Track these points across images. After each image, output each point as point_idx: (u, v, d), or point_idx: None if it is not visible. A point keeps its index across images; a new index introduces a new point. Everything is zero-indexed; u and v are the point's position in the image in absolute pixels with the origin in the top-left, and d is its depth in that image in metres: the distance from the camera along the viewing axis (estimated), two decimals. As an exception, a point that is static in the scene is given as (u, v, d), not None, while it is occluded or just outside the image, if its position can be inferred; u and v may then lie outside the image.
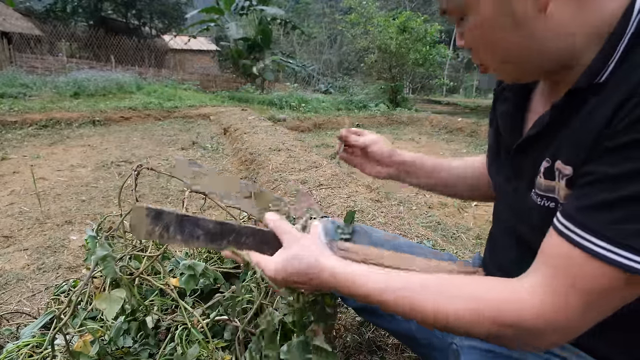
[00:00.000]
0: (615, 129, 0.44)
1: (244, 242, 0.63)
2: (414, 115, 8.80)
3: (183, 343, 0.81)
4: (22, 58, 13.02)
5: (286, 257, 0.61)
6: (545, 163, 0.56)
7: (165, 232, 0.57)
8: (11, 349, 0.90)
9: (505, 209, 0.69)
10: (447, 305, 0.52)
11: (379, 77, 11.98)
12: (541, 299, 0.47)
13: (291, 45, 26.05)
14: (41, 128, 5.61)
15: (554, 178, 0.54)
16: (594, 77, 0.50)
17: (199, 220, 0.60)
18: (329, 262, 0.59)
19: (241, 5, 14.17)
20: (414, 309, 0.54)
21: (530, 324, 0.47)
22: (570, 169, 0.51)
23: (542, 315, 0.47)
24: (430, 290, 0.54)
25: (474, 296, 0.51)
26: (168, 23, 24.59)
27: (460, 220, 2.73)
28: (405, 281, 0.56)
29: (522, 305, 0.48)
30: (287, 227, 0.65)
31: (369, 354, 1.31)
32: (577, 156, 0.50)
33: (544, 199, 0.56)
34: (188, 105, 8.05)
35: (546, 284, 0.47)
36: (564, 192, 0.52)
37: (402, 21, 10.48)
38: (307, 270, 0.59)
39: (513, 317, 0.48)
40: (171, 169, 3.73)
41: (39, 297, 1.63)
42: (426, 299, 0.53)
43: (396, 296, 0.54)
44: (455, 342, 0.74)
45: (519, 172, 0.63)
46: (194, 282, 0.86)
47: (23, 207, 2.64)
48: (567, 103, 0.53)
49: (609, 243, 0.44)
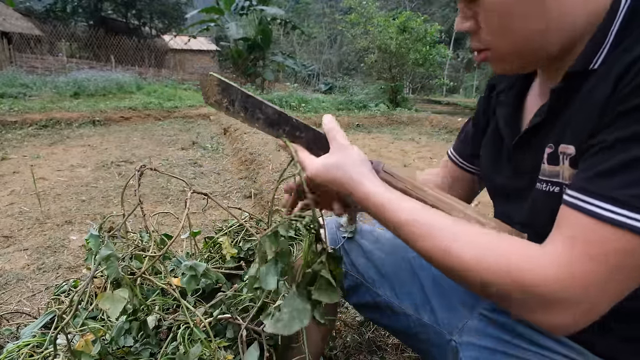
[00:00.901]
0: (622, 93, 0.45)
1: (297, 136, 0.65)
2: (414, 115, 8.80)
3: (185, 342, 0.81)
4: (22, 58, 13.03)
5: (330, 162, 0.61)
6: (548, 149, 0.56)
7: (231, 106, 0.63)
8: (11, 348, 0.90)
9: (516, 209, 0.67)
10: (469, 248, 0.50)
11: (379, 77, 11.98)
12: (559, 266, 0.45)
13: (291, 45, 26.06)
14: (41, 128, 5.61)
15: (558, 162, 0.55)
16: (589, 62, 0.51)
17: (261, 103, 0.64)
18: (367, 183, 0.60)
19: (241, 5, 14.17)
20: (435, 245, 0.53)
21: (545, 289, 0.45)
22: (572, 148, 0.52)
23: (559, 282, 0.45)
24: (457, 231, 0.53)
25: (497, 247, 0.50)
26: (168, 23, 24.61)
27: (460, 220, 2.73)
28: (436, 218, 0.55)
29: (542, 269, 0.46)
30: (339, 134, 0.64)
31: (369, 354, 1.31)
32: (581, 133, 0.50)
33: (548, 184, 0.56)
34: (188, 105, 8.05)
35: (564, 253, 0.46)
36: (569, 172, 0.53)
37: (402, 21, 10.49)
38: (346, 183, 0.60)
39: (530, 277, 0.46)
40: (170, 169, 3.73)
41: (39, 297, 1.63)
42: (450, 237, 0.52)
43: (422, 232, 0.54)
44: (454, 339, 0.75)
45: (522, 167, 0.64)
46: (195, 282, 0.86)
47: (23, 207, 2.64)
48: (565, 87, 0.54)
49: (618, 206, 0.43)
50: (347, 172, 0.60)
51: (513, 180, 0.67)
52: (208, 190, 3.17)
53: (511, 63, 0.59)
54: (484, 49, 0.59)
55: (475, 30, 0.58)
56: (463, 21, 0.59)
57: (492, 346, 0.64)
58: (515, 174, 0.66)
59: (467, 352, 0.65)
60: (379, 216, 0.59)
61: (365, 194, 0.59)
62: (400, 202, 0.57)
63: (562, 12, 0.51)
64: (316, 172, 0.62)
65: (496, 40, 0.56)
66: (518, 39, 0.55)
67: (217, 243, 1.16)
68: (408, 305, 0.88)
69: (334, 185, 0.62)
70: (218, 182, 3.41)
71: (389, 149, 5.54)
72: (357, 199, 0.60)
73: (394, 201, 0.58)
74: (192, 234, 1.11)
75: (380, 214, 0.58)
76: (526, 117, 0.67)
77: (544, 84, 0.64)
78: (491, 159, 0.74)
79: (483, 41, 0.58)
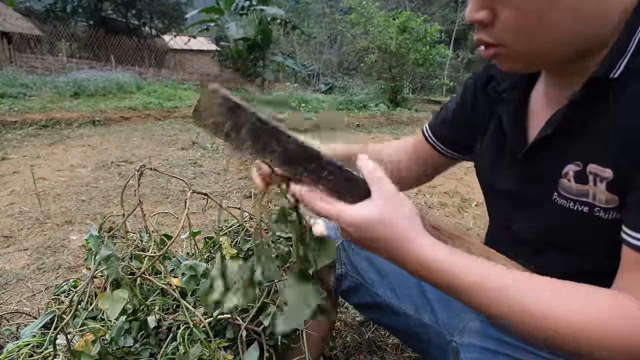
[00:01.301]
0: None
1: (323, 177, 0.49)
2: (414, 115, 8.80)
3: (185, 342, 0.81)
4: (22, 58, 13.02)
5: (375, 218, 0.48)
6: (574, 167, 0.53)
7: (234, 132, 0.46)
8: (11, 348, 0.90)
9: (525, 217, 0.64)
10: (562, 312, 0.45)
11: (379, 77, 11.98)
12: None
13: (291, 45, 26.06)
14: (41, 128, 5.61)
15: (587, 182, 0.52)
16: (611, 70, 0.48)
17: (280, 134, 0.47)
18: (418, 248, 0.48)
19: (241, 5, 14.16)
20: (520, 311, 0.46)
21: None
22: (609, 172, 0.49)
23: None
24: (540, 293, 0.46)
25: (588, 307, 0.45)
26: (168, 23, 24.60)
27: (460, 220, 2.73)
28: (510, 280, 0.47)
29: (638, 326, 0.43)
30: (384, 178, 0.50)
31: (369, 354, 1.31)
32: (619, 157, 0.48)
33: (576, 204, 0.54)
34: (188, 105, 8.04)
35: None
36: (606, 197, 0.50)
37: (402, 21, 10.49)
38: (389, 244, 0.49)
39: (634, 339, 0.43)
40: (170, 169, 3.73)
41: (39, 297, 1.63)
42: (537, 302, 0.45)
43: (497, 295, 0.46)
44: (455, 340, 0.74)
45: (532, 177, 0.61)
46: (195, 282, 0.86)
47: (23, 207, 2.64)
48: (586, 98, 0.51)
49: None
50: (397, 232, 0.48)
51: (520, 187, 0.64)
52: (208, 190, 3.17)
53: (523, 63, 0.54)
54: (495, 44, 0.52)
55: (489, 23, 0.50)
56: (477, 11, 0.50)
57: (493, 348, 0.64)
58: (524, 182, 0.63)
59: (468, 354, 0.65)
60: (438, 282, 0.49)
61: (418, 258, 0.48)
62: (464, 263, 0.48)
63: (593, 16, 0.47)
64: (352, 224, 0.48)
65: (514, 38, 0.50)
66: (540, 40, 0.49)
67: (216, 243, 1.16)
68: (408, 305, 0.88)
69: (373, 242, 0.49)
70: (218, 182, 3.41)
71: (389, 149, 5.54)
72: (406, 262, 0.49)
73: (456, 264, 0.48)
74: (192, 234, 1.11)
75: (439, 279, 0.48)
76: (532, 121, 0.63)
77: (553, 87, 0.60)
78: (493, 159, 0.72)
79: (496, 36, 0.51)
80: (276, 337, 0.88)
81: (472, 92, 0.77)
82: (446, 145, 0.84)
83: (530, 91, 0.66)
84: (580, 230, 0.55)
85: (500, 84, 0.69)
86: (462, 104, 0.80)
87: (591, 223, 0.53)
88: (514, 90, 0.66)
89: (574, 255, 0.58)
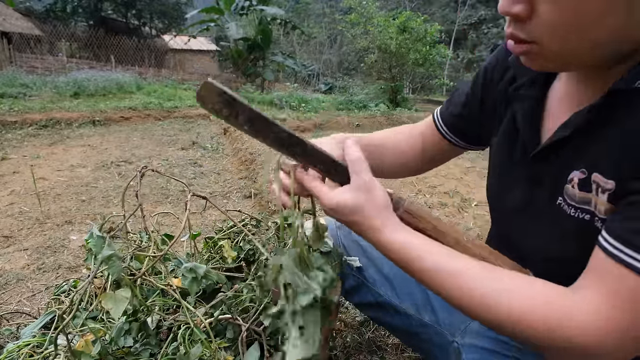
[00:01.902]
0: None
1: (311, 162, 0.58)
2: (414, 115, 8.79)
3: (186, 342, 0.81)
4: (22, 58, 13.02)
5: (349, 204, 0.55)
6: (579, 174, 0.53)
7: (233, 117, 0.53)
8: (11, 348, 0.90)
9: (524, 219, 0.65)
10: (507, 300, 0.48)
11: (379, 77, 11.98)
12: (605, 319, 0.45)
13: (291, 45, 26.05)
14: (41, 128, 5.61)
15: (591, 190, 0.52)
16: (634, 80, 0.47)
17: (272, 124, 0.55)
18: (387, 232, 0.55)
19: (241, 5, 14.16)
20: (466, 294, 0.51)
21: (590, 341, 0.45)
22: (612, 183, 0.49)
23: (605, 334, 0.45)
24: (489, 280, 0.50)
25: (536, 296, 0.48)
26: (168, 23, 24.60)
27: (460, 220, 2.73)
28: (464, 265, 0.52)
29: (586, 321, 0.46)
30: (363, 168, 0.57)
31: (369, 354, 1.31)
32: (623, 169, 0.47)
33: (578, 211, 0.54)
34: (188, 105, 8.04)
35: (605, 303, 0.46)
36: (605, 207, 0.50)
37: (402, 21, 10.48)
38: (364, 229, 0.56)
39: (574, 331, 0.46)
40: (170, 169, 3.73)
41: (39, 297, 1.63)
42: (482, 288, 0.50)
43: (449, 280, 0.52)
44: (457, 341, 0.75)
45: (543, 178, 0.60)
46: (197, 285, 0.86)
47: (23, 207, 2.63)
48: (606, 105, 0.50)
49: None
50: (367, 217, 0.55)
51: (527, 187, 0.63)
52: (208, 190, 3.17)
53: (555, 62, 0.51)
54: (528, 41, 0.49)
55: (526, 17, 0.47)
56: (513, 3, 0.47)
57: (494, 348, 0.64)
58: (531, 183, 0.62)
59: (469, 355, 0.65)
60: (401, 265, 0.56)
61: (384, 243, 0.55)
62: (423, 248, 0.54)
63: (633, 20, 0.45)
64: (333, 208, 0.56)
65: (550, 35, 0.47)
66: (578, 43, 0.46)
67: (217, 243, 1.16)
68: (409, 305, 0.88)
69: (351, 224, 0.57)
70: (218, 182, 3.41)
71: (389, 149, 5.53)
72: (376, 247, 0.57)
73: (415, 248, 0.54)
74: (192, 236, 1.11)
75: (402, 263, 0.55)
76: (547, 121, 0.62)
77: (576, 89, 0.58)
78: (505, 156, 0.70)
79: (530, 33, 0.48)
80: (277, 337, 0.88)
81: (482, 82, 0.75)
82: (455, 134, 0.84)
83: (548, 89, 0.64)
84: (580, 238, 0.54)
85: (517, 78, 0.66)
86: (473, 94, 0.78)
87: (590, 232, 0.53)
88: (531, 87, 0.64)
89: (571, 263, 0.58)
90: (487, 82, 0.74)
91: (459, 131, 0.83)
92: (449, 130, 0.84)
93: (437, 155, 0.88)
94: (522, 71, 0.65)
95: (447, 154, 0.88)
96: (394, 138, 0.88)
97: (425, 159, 0.89)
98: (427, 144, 0.87)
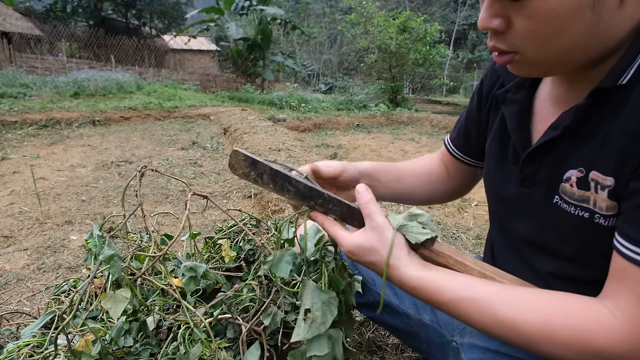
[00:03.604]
0: None
1: (330, 209, 0.64)
2: (414, 115, 8.80)
3: (186, 342, 0.81)
4: (22, 58, 13.03)
5: (366, 246, 0.58)
6: (577, 172, 0.54)
7: (259, 179, 0.64)
8: (11, 348, 0.90)
9: (521, 219, 0.65)
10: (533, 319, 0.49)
11: (379, 77, 11.99)
12: (632, 327, 0.45)
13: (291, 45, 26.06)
14: (41, 128, 5.61)
15: (589, 188, 0.52)
16: (619, 78, 0.48)
17: (291, 179, 0.63)
18: (403, 269, 0.57)
19: (241, 5, 14.17)
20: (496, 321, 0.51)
21: (618, 351, 0.45)
22: (611, 180, 0.49)
23: (633, 344, 0.45)
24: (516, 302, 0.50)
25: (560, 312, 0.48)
26: (168, 23, 24.62)
27: (460, 220, 2.73)
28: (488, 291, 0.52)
29: (612, 331, 0.45)
30: (375, 210, 0.61)
31: (369, 354, 1.31)
32: (622, 165, 0.48)
33: (577, 209, 0.54)
34: (188, 105, 8.05)
35: (633, 312, 0.45)
36: (607, 204, 0.50)
37: (402, 21, 10.49)
38: (377, 267, 0.59)
39: (603, 343, 0.46)
40: (170, 169, 3.73)
41: (39, 297, 1.63)
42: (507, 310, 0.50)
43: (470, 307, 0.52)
44: (456, 340, 0.74)
45: (537, 178, 0.61)
46: (194, 283, 0.86)
47: (23, 207, 2.64)
48: (593, 104, 0.51)
49: None
50: (383, 257, 0.58)
51: (522, 188, 0.64)
52: (208, 190, 3.17)
53: (539, 68, 0.54)
54: (509, 51, 0.53)
55: (504, 30, 0.51)
56: (491, 19, 0.51)
57: (494, 348, 0.63)
58: (526, 184, 0.63)
59: (469, 354, 0.65)
60: (424, 300, 0.57)
61: (403, 281, 0.57)
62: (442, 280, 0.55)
63: (609, 26, 0.47)
64: (349, 250, 0.60)
65: (528, 45, 0.50)
66: (554, 49, 0.49)
67: (217, 243, 1.16)
68: (408, 305, 0.88)
69: (369, 268, 0.60)
70: (218, 182, 3.41)
71: (389, 149, 5.54)
72: (398, 286, 0.59)
73: (435, 282, 0.55)
74: (192, 236, 1.11)
75: (423, 297, 0.56)
76: (536, 123, 0.63)
77: (562, 90, 0.60)
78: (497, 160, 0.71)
79: (510, 43, 0.52)
80: (276, 337, 0.88)
81: (478, 94, 0.78)
82: (465, 153, 0.85)
83: (535, 92, 0.65)
84: (579, 235, 0.54)
85: (505, 83, 0.69)
86: (470, 110, 0.81)
87: (591, 229, 0.53)
88: (518, 91, 0.66)
89: (569, 261, 0.58)
90: (483, 92, 0.77)
91: (467, 149, 0.84)
92: (459, 151, 0.85)
93: (461, 177, 0.89)
94: (508, 76, 0.68)
95: (467, 173, 0.88)
96: (418, 162, 0.90)
97: (453, 181, 0.90)
98: (449, 168, 0.89)
